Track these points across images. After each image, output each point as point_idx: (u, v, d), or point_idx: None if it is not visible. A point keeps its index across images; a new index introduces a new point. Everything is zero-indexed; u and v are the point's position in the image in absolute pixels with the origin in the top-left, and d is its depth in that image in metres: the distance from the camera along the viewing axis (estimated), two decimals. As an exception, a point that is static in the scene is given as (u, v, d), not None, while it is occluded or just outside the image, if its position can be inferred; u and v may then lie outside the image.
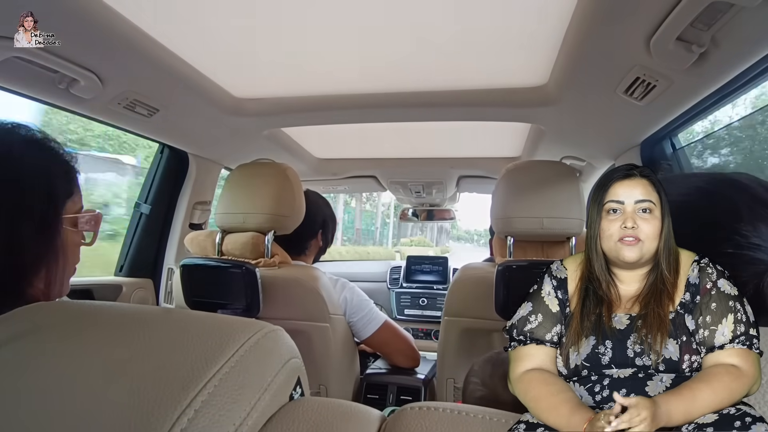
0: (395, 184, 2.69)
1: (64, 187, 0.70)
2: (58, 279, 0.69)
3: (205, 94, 1.44)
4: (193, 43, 1.21)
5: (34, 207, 0.65)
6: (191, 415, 0.36)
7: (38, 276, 0.66)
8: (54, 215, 0.67)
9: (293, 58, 1.30)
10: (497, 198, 1.40)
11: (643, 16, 0.93)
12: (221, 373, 0.39)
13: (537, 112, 1.53)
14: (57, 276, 0.68)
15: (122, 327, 0.46)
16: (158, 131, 1.69)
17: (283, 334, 0.48)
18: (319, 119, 1.68)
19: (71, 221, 0.71)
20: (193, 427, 0.36)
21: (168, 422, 0.35)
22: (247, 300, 1.33)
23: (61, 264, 0.69)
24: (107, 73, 1.22)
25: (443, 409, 0.59)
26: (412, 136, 2.06)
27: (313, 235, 1.67)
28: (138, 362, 0.41)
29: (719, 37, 0.93)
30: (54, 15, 0.95)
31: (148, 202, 1.92)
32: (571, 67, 1.19)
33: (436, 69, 1.35)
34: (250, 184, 1.46)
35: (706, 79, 1.08)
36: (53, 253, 0.67)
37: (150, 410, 0.36)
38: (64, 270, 0.70)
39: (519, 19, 1.07)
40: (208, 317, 0.48)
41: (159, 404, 0.37)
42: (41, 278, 0.66)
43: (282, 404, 0.47)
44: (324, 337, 1.40)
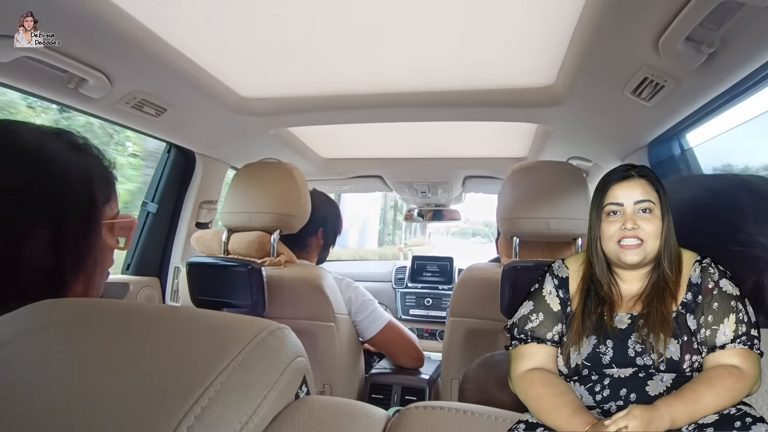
0: (401, 184, 2.69)
1: (104, 192, 0.71)
2: (95, 282, 0.70)
3: (212, 93, 1.45)
4: (200, 43, 1.22)
5: (76, 211, 0.66)
6: (198, 413, 0.36)
7: (78, 279, 0.67)
8: (95, 219, 0.69)
9: (300, 58, 1.30)
10: (503, 198, 1.40)
11: (651, 15, 0.92)
12: (228, 370, 0.39)
13: (544, 113, 1.52)
14: (95, 279, 0.70)
15: (129, 325, 0.46)
16: (166, 131, 1.70)
17: (290, 333, 0.48)
18: (325, 119, 1.68)
19: (109, 226, 0.72)
20: (199, 425, 0.36)
21: (175, 419, 0.35)
22: (253, 299, 1.34)
23: (99, 267, 0.71)
24: (116, 73, 1.23)
25: (448, 408, 0.59)
26: (418, 136, 2.06)
27: (313, 233, 1.67)
28: (145, 360, 0.41)
29: (729, 37, 0.92)
30: (63, 15, 0.96)
31: (155, 201, 1.93)
32: (579, 67, 1.18)
33: (443, 69, 1.35)
34: (256, 183, 1.47)
35: (715, 79, 1.07)
36: (92, 256, 0.69)
37: (157, 407, 0.36)
38: (101, 273, 0.72)
39: (526, 19, 1.07)
40: (214, 315, 0.48)
41: (166, 402, 0.37)
42: (80, 281, 0.67)
43: (288, 402, 0.47)
44: (329, 337, 1.41)
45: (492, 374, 0.91)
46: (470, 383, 0.96)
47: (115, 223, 0.74)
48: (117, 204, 0.75)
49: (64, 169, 0.65)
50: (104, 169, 0.72)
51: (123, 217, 0.76)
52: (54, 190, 0.64)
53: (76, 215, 0.66)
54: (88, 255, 0.68)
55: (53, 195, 0.64)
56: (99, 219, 0.70)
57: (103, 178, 0.71)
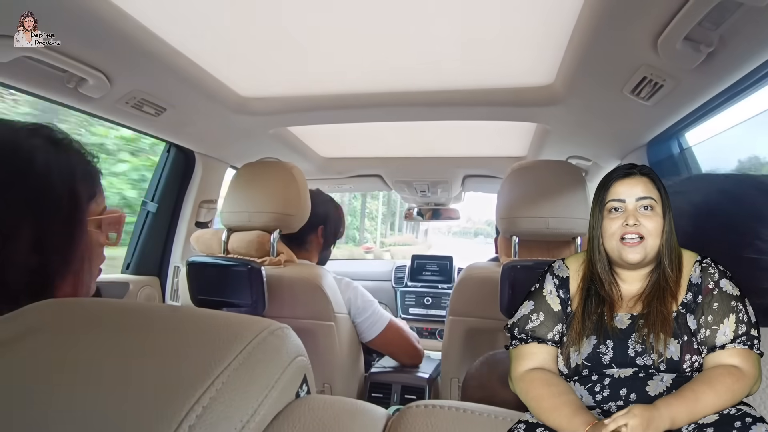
0: (400, 183, 2.69)
1: (88, 188, 0.69)
2: (85, 281, 0.69)
3: (211, 93, 1.45)
4: (200, 43, 1.22)
5: (59, 209, 0.64)
6: (199, 412, 0.36)
7: (65, 278, 0.65)
8: (79, 217, 0.67)
9: (300, 57, 1.30)
10: (503, 197, 1.40)
11: (650, 15, 0.92)
12: (229, 370, 0.40)
13: (543, 112, 1.52)
14: (84, 278, 0.68)
15: (129, 324, 0.46)
16: (165, 130, 1.70)
17: (290, 332, 0.48)
18: (324, 118, 1.68)
19: (95, 222, 0.71)
20: (201, 424, 0.36)
21: (176, 419, 0.36)
22: (253, 298, 1.34)
23: (87, 265, 0.69)
24: (115, 73, 1.23)
25: (448, 407, 0.59)
26: (418, 136, 2.06)
27: (313, 230, 1.66)
28: (146, 359, 0.41)
29: (727, 37, 0.92)
30: (63, 15, 0.96)
31: (155, 200, 1.93)
32: (578, 66, 1.19)
33: (442, 68, 1.35)
34: (255, 182, 1.47)
35: (713, 78, 1.08)
36: (79, 254, 0.67)
37: (159, 407, 0.37)
38: (90, 271, 0.70)
39: (525, 18, 1.07)
40: (215, 315, 0.48)
41: (167, 401, 0.37)
42: (69, 281, 0.66)
43: (289, 401, 0.48)
44: (329, 336, 1.41)
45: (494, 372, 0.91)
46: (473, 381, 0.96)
47: (102, 218, 0.72)
48: (103, 199, 0.73)
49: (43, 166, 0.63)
50: (87, 164, 0.70)
51: (111, 211, 0.73)
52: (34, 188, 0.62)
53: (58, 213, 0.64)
54: (74, 253, 0.66)
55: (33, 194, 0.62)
56: (84, 216, 0.68)
57: (86, 174, 0.69)
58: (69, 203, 0.65)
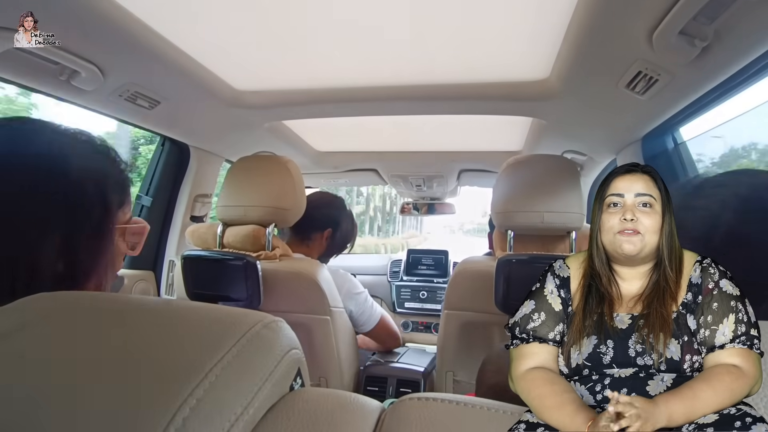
0: (396, 178, 2.69)
1: (119, 196, 0.69)
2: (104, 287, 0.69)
3: (206, 86, 1.44)
4: (194, 36, 1.21)
5: (91, 214, 0.64)
6: (193, 404, 0.36)
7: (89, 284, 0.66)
8: (108, 225, 0.67)
9: (294, 50, 1.29)
10: (498, 192, 1.40)
11: (645, 9, 0.92)
12: (223, 362, 0.40)
13: (538, 106, 1.53)
14: (104, 284, 0.69)
15: (123, 317, 0.46)
16: (159, 123, 1.69)
17: (284, 325, 0.48)
18: (320, 112, 1.67)
19: (121, 231, 0.71)
20: (195, 416, 0.36)
21: (170, 411, 0.36)
22: (248, 292, 1.34)
23: (110, 272, 0.69)
24: (108, 65, 1.21)
25: (442, 399, 0.59)
26: (413, 130, 2.06)
27: (319, 230, 1.67)
28: (140, 352, 0.41)
29: (722, 31, 0.92)
30: (54, 6, 0.95)
31: (149, 194, 1.92)
32: (573, 60, 1.19)
33: (437, 62, 1.35)
34: (251, 176, 1.46)
35: (708, 73, 1.08)
36: (104, 262, 0.67)
37: (152, 400, 0.37)
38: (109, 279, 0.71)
39: (521, 12, 1.07)
40: (209, 308, 0.48)
41: (161, 393, 0.37)
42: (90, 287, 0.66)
43: (283, 394, 0.48)
44: (325, 330, 1.41)
45: None
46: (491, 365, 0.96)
47: (127, 228, 0.72)
48: (130, 208, 0.73)
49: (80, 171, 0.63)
50: (120, 173, 0.70)
51: (135, 221, 0.74)
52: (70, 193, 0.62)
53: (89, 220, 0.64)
54: (100, 260, 0.66)
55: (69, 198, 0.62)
56: (113, 224, 0.68)
57: (118, 182, 0.70)
58: (100, 210, 0.66)
